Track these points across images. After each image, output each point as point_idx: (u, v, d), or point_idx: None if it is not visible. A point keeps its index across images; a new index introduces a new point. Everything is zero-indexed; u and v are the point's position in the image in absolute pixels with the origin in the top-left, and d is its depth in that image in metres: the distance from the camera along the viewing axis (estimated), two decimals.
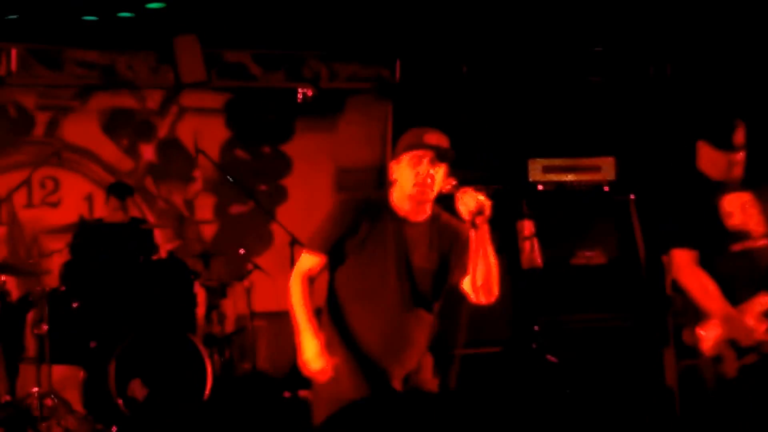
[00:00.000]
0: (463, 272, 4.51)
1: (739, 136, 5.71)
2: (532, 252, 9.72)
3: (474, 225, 4.27)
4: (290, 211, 11.25)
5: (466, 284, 4.53)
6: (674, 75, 10.86)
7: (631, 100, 10.87)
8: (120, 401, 7.92)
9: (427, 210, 4.60)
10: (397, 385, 4.64)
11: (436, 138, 4.46)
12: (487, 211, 4.25)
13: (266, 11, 9.78)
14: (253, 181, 11.33)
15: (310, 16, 9.92)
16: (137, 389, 8.05)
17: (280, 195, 11.52)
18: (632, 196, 9.97)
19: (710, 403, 5.70)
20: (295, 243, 10.15)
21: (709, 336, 5.58)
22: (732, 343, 5.55)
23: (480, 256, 4.37)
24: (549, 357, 9.38)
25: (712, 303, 5.62)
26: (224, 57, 10.99)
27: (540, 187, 10.16)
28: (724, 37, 10.01)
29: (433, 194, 4.47)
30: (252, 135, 11.50)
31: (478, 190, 4.29)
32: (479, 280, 4.41)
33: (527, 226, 9.80)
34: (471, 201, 4.23)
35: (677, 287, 9.94)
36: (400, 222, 4.57)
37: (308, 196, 11.19)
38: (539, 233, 9.79)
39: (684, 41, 10.34)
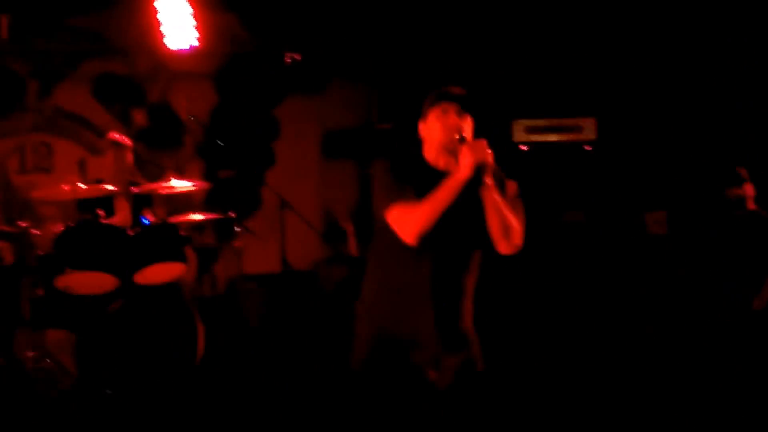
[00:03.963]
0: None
1: None
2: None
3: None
4: (278, 175, 11.41)
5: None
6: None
7: (612, 62, 10.86)
8: (112, 365, 7.89)
9: None
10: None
11: (458, 90, 4.45)
12: (490, 163, 4.26)
13: None
14: (242, 144, 11.41)
15: None
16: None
17: (268, 159, 11.63)
18: (612, 156, 10.13)
19: None
20: (284, 206, 10.25)
21: None
22: None
23: (491, 206, 4.37)
24: None
25: None
26: (214, 20, 10.99)
27: (524, 148, 10.27)
28: None
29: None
30: (241, 99, 11.53)
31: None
32: (495, 231, 4.40)
33: (511, 187, 9.91)
34: (478, 153, 4.22)
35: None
36: (441, 177, 4.37)
37: (296, 159, 11.28)
38: (522, 193, 9.92)
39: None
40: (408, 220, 4.32)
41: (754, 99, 10.10)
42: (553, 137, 10.27)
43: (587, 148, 10.24)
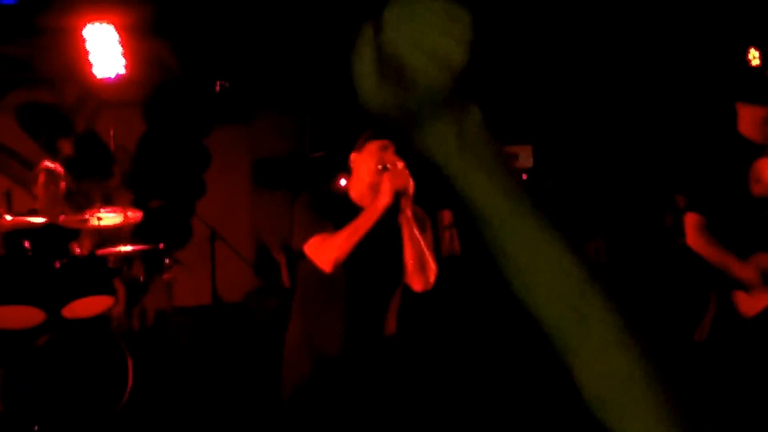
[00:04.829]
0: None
1: None
2: (451, 241, 9.82)
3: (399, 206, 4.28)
4: (209, 205, 11.25)
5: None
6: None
7: (548, 89, 10.86)
8: (39, 401, 7.71)
9: None
10: None
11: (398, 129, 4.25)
12: (411, 191, 4.26)
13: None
14: (171, 174, 11.24)
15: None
16: None
17: (198, 188, 11.47)
18: (549, 184, 10.12)
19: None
20: (215, 237, 10.11)
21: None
22: None
23: (408, 238, 4.36)
24: None
25: (722, 259, 5.51)
26: (142, 48, 10.90)
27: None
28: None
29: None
30: (170, 128, 11.40)
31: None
32: (410, 265, 4.40)
33: (446, 216, 9.90)
34: (399, 179, 4.21)
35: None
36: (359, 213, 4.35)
37: (226, 189, 11.14)
38: (458, 222, 9.89)
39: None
40: (326, 248, 4.28)
41: (690, 126, 10.16)
42: None
43: (523, 176, 10.25)
